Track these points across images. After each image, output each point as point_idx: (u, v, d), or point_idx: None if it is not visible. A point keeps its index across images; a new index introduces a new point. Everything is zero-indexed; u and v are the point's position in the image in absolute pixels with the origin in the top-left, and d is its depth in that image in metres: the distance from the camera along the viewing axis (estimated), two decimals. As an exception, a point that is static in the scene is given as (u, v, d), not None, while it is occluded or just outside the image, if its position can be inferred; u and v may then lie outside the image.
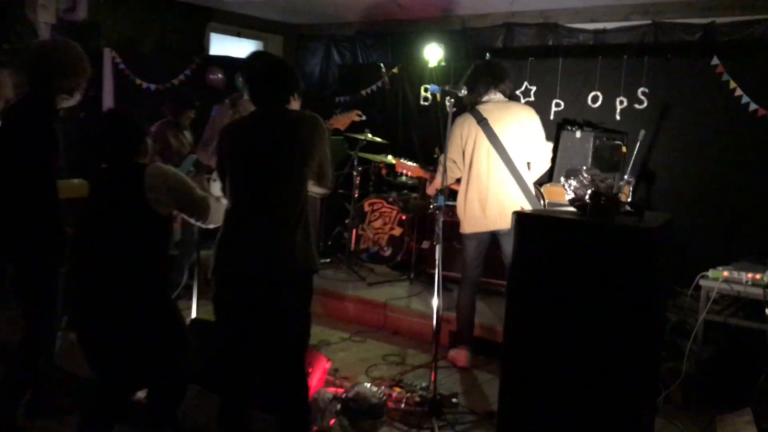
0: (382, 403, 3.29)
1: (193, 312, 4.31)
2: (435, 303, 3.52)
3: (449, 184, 4.19)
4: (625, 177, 5.09)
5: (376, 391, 3.33)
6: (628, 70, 5.80)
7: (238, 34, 8.49)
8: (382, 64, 7.24)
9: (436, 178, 4.19)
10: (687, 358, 3.73)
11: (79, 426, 2.84)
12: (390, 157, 6.22)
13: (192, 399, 3.37)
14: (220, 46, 8.39)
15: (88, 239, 2.82)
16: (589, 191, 2.64)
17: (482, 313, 4.58)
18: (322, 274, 5.48)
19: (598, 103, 5.96)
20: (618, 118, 5.86)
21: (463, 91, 3.79)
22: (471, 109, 4.15)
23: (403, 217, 6.10)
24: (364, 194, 6.57)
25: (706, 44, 5.89)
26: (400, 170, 5.26)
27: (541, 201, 4.40)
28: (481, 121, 4.04)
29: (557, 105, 6.17)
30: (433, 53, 6.87)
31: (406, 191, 6.70)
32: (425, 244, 5.86)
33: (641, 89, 5.74)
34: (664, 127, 5.67)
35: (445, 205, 3.67)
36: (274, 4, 7.68)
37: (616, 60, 5.90)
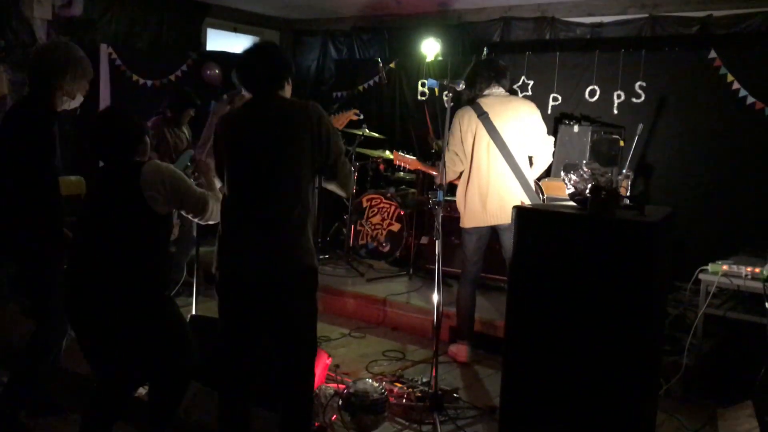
0: (384, 399, 3.28)
1: (193, 309, 4.30)
2: (435, 298, 3.52)
3: (452, 180, 4.18)
4: (624, 171, 5.09)
5: (378, 387, 3.32)
6: (625, 63, 5.81)
7: (235, 30, 8.46)
8: (379, 59, 7.22)
9: (441, 172, 4.16)
10: (687, 352, 3.73)
11: (81, 424, 2.83)
12: (387, 153, 6.21)
13: (193, 396, 3.37)
14: (217, 41, 8.36)
15: (86, 238, 2.81)
16: (590, 185, 2.64)
17: (482, 308, 4.58)
18: (320, 270, 5.46)
19: (596, 97, 5.96)
20: (615, 112, 5.87)
21: (462, 86, 3.78)
22: (471, 102, 4.14)
23: (402, 213, 6.09)
24: (362, 190, 6.56)
25: (704, 37, 5.88)
26: (398, 163, 5.23)
27: (540, 196, 4.39)
28: (482, 115, 4.03)
29: (555, 99, 6.16)
30: (430, 48, 6.85)
31: (404, 186, 6.70)
32: (424, 240, 5.86)
33: (638, 83, 5.75)
34: (662, 120, 5.67)
35: (444, 200, 3.66)
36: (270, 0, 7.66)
37: (614, 54, 5.90)
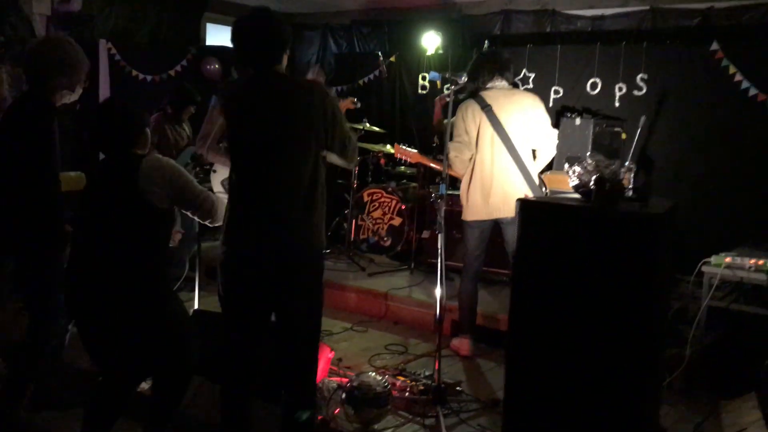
0: (387, 392, 3.28)
1: (195, 303, 4.29)
2: (438, 292, 3.51)
3: (461, 171, 4.15)
4: (626, 164, 5.07)
5: (380, 380, 3.32)
6: (626, 56, 5.78)
7: (234, 24, 8.43)
8: (379, 53, 7.21)
9: (445, 163, 4.14)
10: (690, 344, 3.73)
11: (84, 419, 2.83)
12: (388, 147, 6.20)
13: (195, 390, 3.37)
14: (216, 36, 8.33)
15: (86, 233, 2.80)
16: (594, 177, 2.63)
17: (484, 302, 4.57)
18: (322, 265, 5.45)
19: (597, 90, 5.95)
20: (617, 104, 5.85)
21: (464, 78, 3.76)
22: (474, 95, 4.12)
23: (403, 207, 6.08)
24: (363, 184, 6.55)
25: (705, 29, 5.86)
26: (399, 156, 5.21)
27: (543, 189, 4.37)
28: (485, 107, 4.02)
29: (556, 92, 6.15)
30: (431, 41, 6.84)
31: (405, 181, 6.69)
32: (425, 234, 5.85)
33: (640, 76, 5.73)
34: (664, 113, 5.65)
35: (446, 193, 3.65)
36: (269, -6, 7.62)
37: (615, 46, 5.88)
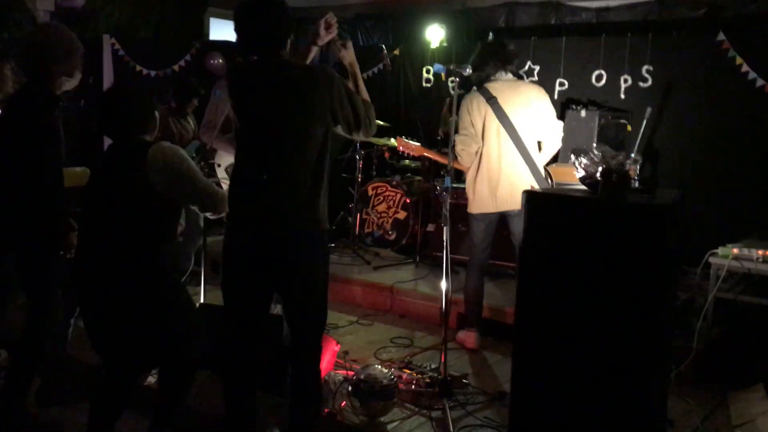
0: (393, 385, 3.28)
1: (201, 297, 4.30)
2: (443, 285, 3.50)
3: (467, 164, 4.13)
4: (632, 155, 5.05)
5: (387, 373, 3.32)
6: (632, 48, 5.76)
7: (237, 19, 8.42)
8: (383, 46, 7.18)
9: (450, 156, 4.12)
10: (697, 336, 3.72)
11: (90, 413, 2.84)
12: (392, 140, 6.18)
13: (202, 384, 3.37)
14: (219, 30, 8.33)
15: (91, 224, 2.78)
16: (600, 168, 2.61)
17: (489, 295, 4.56)
18: (327, 259, 5.46)
19: (603, 82, 5.92)
20: (623, 96, 5.83)
21: (468, 70, 3.74)
22: (479, 87, 4.11)
23: (408, 201, 6.07)
24: (368, 178, 6.54)
25: (711, 20, 5.82)
26: (402, 149, 5.18)
27: (549, 181, 4.36)
28: (491, 99, 4.00)
29: (561, 84, 6.12)
30: (435, 34, 6.82)
31: (409, 174, 6.67)
32: (430, 227, 5.84)
33: (646, 67, 5.70)
34: (670, 105, 5.63)
35: (451, 186, 3.64)
36: (273, -12, 7.61)
37: (620, 38, 5.85)
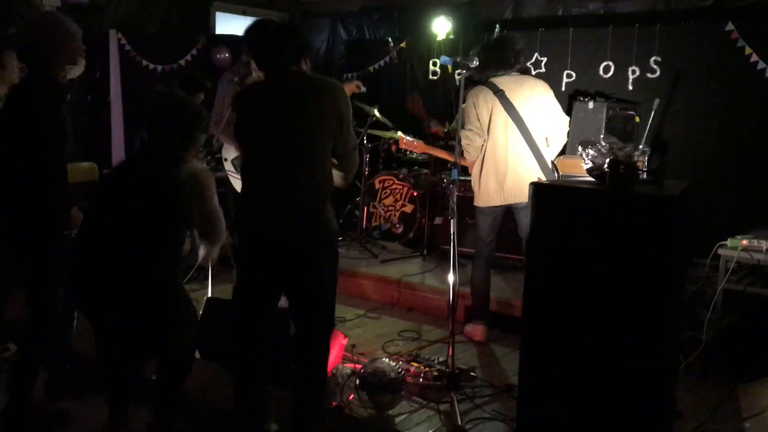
0: (401, 378, 3.28)
1: (209, 291, 4.31)
2: (451, 278, 3.49)
3: (472, 160, 4.11)
4: (640, 147, 5.04)
5: (394, 366, 3.32)
6: (639, 38, 5.72)
7: (244, 13, 8.41)
8: (389, 39, 7.16)
9: (456, 151, 4.11)
10: (706, 328, 3.70)
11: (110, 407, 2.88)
12: (399, 133, 6.16)
13: (210, 377, 3.39)
14: (226, 25, 8.32)
15: (104, 225, 2.79)
16: (608, 160, 2.60)
17: (497, 288, 4.56)
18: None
19: (610, 73, 5.89)
20: (630, 88, 5.79)
21: (475, 62, 3.72)
22: (485, 81, 4.08)
23: (414, 194, 6.06)
24: (374, 171, 6.53)
25: (720, 9, 5.77)
26: (404, 147, 5.16)
27: (556, 174, 4.34)
28: (498, 92, 3.98)
29: (569, 76, 6.10)
30: (441, 27, 6.78)
31: (416, 167, 6.66)
32: (437, 220, 5.83)
33: (654, 58, 5.67)
34: (678, 95, 5.59)
35: (458, 179, 3.63)
36: (278, -19, 7.61)
37: (628, 29, 5.81)
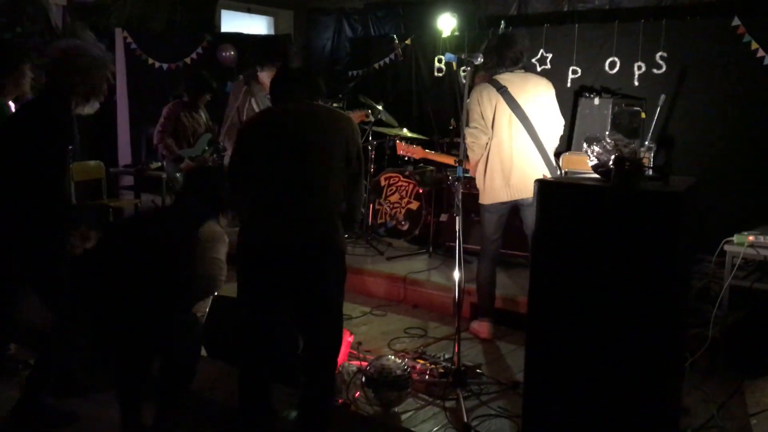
0: (407, 375, 3.28)
1: (214, 290, 4.32)
2: (456, 275, 3.50)
3: (477, 158, 4.10)
4: (646, 143, 5.02)
5: (400, 363, 3.32)
6: (645, 34, 5.71)
7: (249, 11, 8.43)
8: (394, 36, 7.16)
9: (469, 156, 4.11)
10: (712, 325, 3.69)
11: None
12: (405, 131, 6.17)
13: (216, 374, 3.40)
14: (231, 23, 8.34)
15: (124, 255, 2.92)
16: (613, 156, 2.59)
17: (502, 285, 4.56)
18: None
19: (616, 69, 5.88)
20: (636, 83, 5.79)
21: (480, 59, 3.72)
22: (488, 78, 4.08)
23: (420, 191, 6.06)
24: (380, 169, 6.54)
25: (726, 4, 5.75)
26: (402, 153, 5.14)
27: (559, 171, 4.33)
28: (501, 89, 3.97)
29: (574, 72, 6.09)
30: (447, 23, 6.77)
31: (422, 164, 6.66)
32: (443, 217, 5.83)
33: (659, 53, 5.66)
34: (684, 91, 5.58)
35: (463, 177, 3.63)
36: (283, -21, 7.61)
37: (633, 24, 5.80)
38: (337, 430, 2.89)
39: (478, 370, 3.72)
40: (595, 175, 2.71)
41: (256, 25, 8.70)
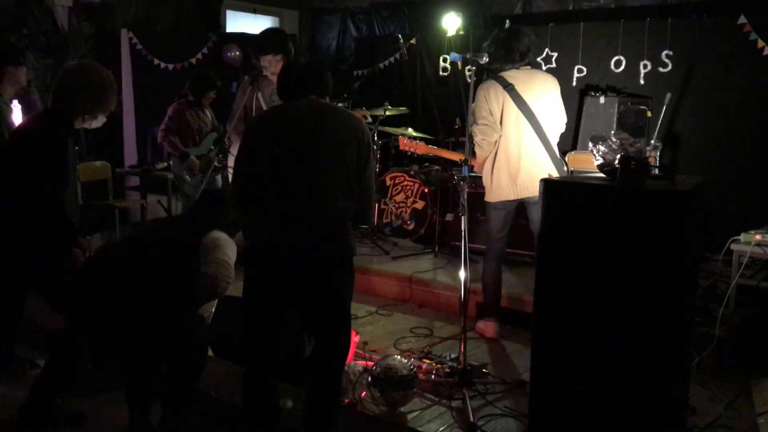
0: (413, 375, 3.28)
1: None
2: (462, 274, 3.50)
3: (485, 155, 4.09)
4: (652, 142, 5.01)
5: (406, 363, 3.32)
6: (651, 32, 5.69)
7: (254, 11, 8.43)
8: (399, 36, 7.15)
9: (477, 154, 4.10)
10: (719, 323, 3.68)
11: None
12: (410, 130, 6.17)
13: (222, 375, 3.40)
14: (236, 23, 8.34)
15: (127, 263, 2.95)
16: (619, 156, 2.59)
17: (508, 284, 4.55)
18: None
19: (622, 68, 5.86)
20: (642, 82, 5.77)
21: (485, 58, 3.71)
22: (494, 76, 4.07)
23: (426, 190, 6.06)
24: (385, 168, 6.54)
25: (732, 2, 5.73)
26: (404, 149, 5.12)
27: (566, 167, 4.32)
28: (507, 87, 3.96)
29: (579, 71, 6.07)
30: (451, 22, 6.74)
31: (427, 164, 6.66)
32: (449, 217, 5.83)
33: (665, 52, 5.64)
34: (690, 89, 5.56)
35: (469, 176, 3.63)
36: (288, -21, 7.62)
37: (639, 23, 5.79)
38: (343, 430, 2.89)
39: (484, 370, 3.71)
40: (601, 174, 2.71)
41: (262, 26, 8.69)
